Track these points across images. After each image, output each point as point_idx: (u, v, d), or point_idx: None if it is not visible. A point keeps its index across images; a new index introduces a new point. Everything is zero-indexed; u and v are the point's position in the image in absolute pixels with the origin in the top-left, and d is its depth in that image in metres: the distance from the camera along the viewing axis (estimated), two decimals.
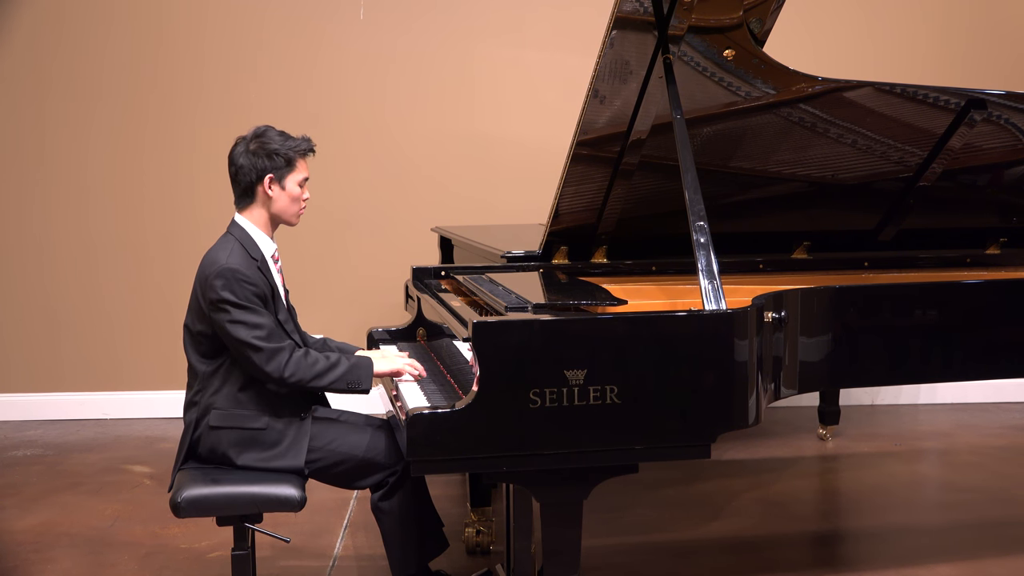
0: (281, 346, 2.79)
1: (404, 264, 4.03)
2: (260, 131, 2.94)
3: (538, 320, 2.54)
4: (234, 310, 2.76)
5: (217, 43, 5.45)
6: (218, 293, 2.76)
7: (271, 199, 2.91)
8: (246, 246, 2.88)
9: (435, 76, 5.53)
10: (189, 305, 2.93)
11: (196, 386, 2.91)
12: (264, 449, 2.85)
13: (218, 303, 2.76)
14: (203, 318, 2.85)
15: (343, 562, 3.59)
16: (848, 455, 4.86)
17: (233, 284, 2.76)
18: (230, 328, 2.76)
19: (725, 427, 2.63)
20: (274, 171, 2.89)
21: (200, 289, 2.84)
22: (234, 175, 2.93)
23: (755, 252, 3.75)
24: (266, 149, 2.89)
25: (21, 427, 5.43)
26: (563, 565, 2.64)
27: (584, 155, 3.33)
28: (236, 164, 2.91)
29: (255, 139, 2.92)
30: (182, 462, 2.90)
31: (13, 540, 3.81)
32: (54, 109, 5.45)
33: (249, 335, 2.76)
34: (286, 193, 2.92)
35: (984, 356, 3.23)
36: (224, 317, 2.77)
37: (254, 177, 2.90)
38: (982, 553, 3.61)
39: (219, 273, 2.77)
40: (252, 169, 2.89)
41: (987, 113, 3.50)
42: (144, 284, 5.54)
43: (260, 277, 2.84)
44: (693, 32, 3.09)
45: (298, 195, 2.94)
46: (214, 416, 2.85)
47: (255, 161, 2.89)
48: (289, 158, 2.90)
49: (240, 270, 2.79)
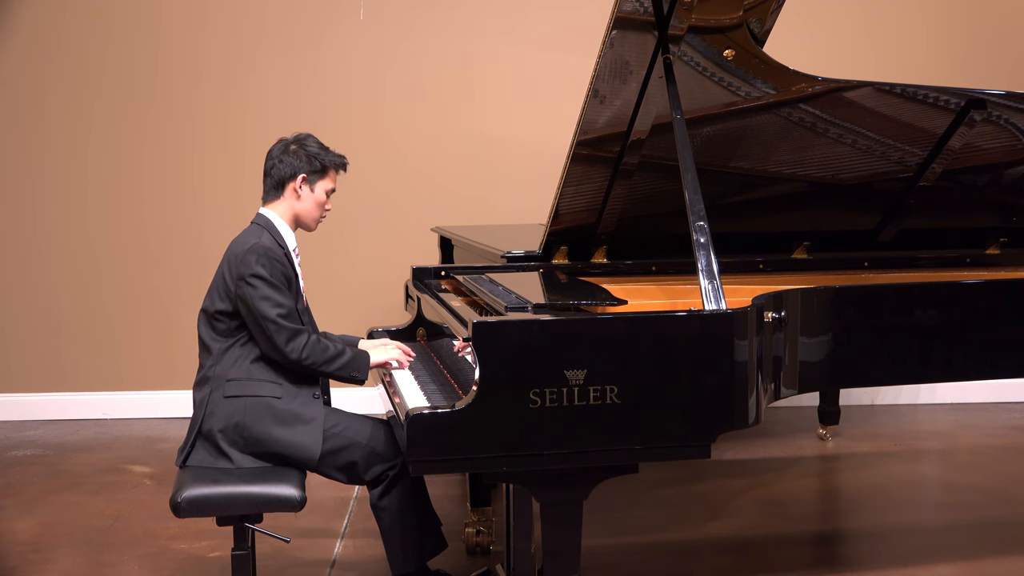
0: (301, 328, 2.92)
1: (404, 264, 4.03)
2: (303, 136, 3.09)
3: (538, 320, 2.54)
4: (264, 286, 2.88)
5: (217, 43, 5.45)
6: (252, 267, 2.88)
7: (299, 198, 3.05)
8: (273, 235, 3.00)
9: (435, 76, 5.53)
10: (210, 289, 3.02)
11: (209, 362, 2.97)
12: (281, 424, 2.88)
13: (251, 276, 2.88)
14: (226, 296, 2.94)
15: (343, 562, 3.59)
16: (848, 455, 4.86)
17: (267, 261, 2.89)
18: (257, 303, 2.87)
19: (725, 427, 2.63)
20: (308, 172, 3.04)
21: (229, 266, 2.94)
22: (269, 169, 3.06)
23: (755, 252, 3.75)
24: (306, 151, 3.04)
25: (21, 427, 5.43)
26: (563, 565, 2.64)
27: (584, 155, 3.33)
28: (274, 158, 3.05)
29: (296, 141, 3.07)
30: (193, 438, 2.92)
31: (13, 540, 3.81)
32: (54, 109, 5.45)
33: (274, 312, 2.87)
34: (313, 196, 3.06)
35: (984, 356, 3.23)
36: (253, 292, 2.87)
37: (288, 173, 3.03)
38: (982, 553, 3.61)
39: (253, 248, 2.90)
40: (288, 165, 3.03)
41: (987, 113, 3.50)
42: (144, 284, 5.54)
43: (287, 262, 2.97)
44: (693, 32, 3.09)
45: (323, 202, 3.08)
46: (229, 387, 2.91)
47: (293, 159, 3.03)
48: (324, 166, 3.05)
49: (275, 250, 2.94)
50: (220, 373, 2.93)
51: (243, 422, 2.87)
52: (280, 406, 2.90)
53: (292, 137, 3.09)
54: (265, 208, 3.07)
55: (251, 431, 2.87)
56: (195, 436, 2.92)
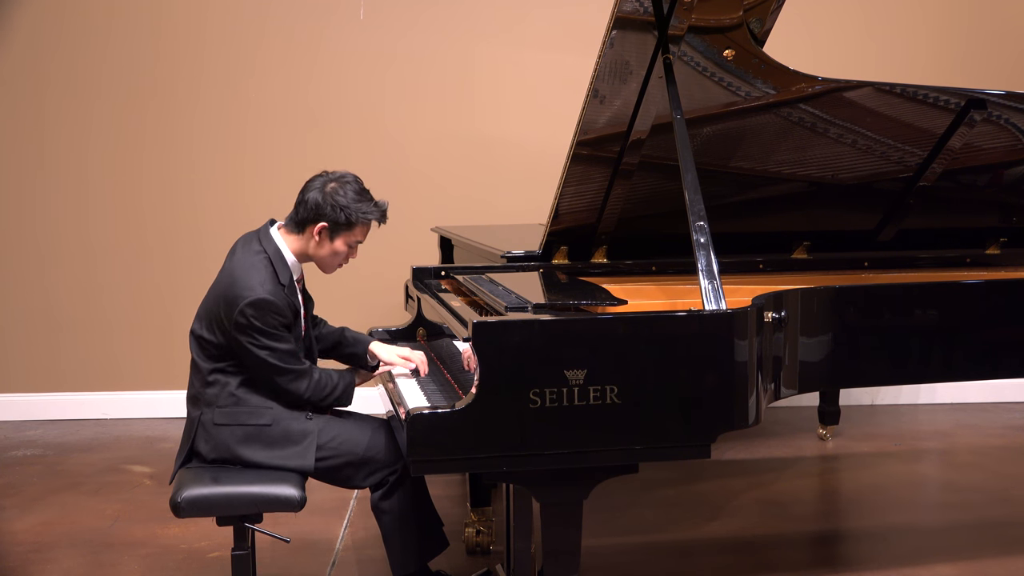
0: (304, 369, 2.86)
1: (404, 264, 4.03)
2: (346, 179, 2.89)
3: (538, 320, 2.54)
4: (262, 338, 2.79)
5: (217, 43, 5.45)
6: (248, 320, 2.76)
7: (315, 243, 2.89)
8: (276, 268, 2.86)
9: (435, 76, 5.53)
10: (200, 313, 2.91)
11: (199, 382, 2.91)
12: (271, 447, 2.86)
13: (246, 329, 2.77)
14: (218, 329, 2.84)
15: (343, 562, 3.59)
16: (848, 455, 4.86)
17: (266, 315, 2.77)
18: (255, 351, 2.80)
19: (725, 427, 2.63)
20: (331, 223, 2.85)
21: (224, 307, 2.81)
22: (298, 202, 2.90)
23: (755, 252, 3.75)
24: (335, 199, 2.84)
25: (21, 427, 5.43)
26: (563, 565, 2.64)
27: (584, 155, 3.33)
28: (305, 194, 2.88)
29: (335, 181, 2.88)
30: (185, 457, 2.91)
31: (13, 540, 3.81)
32: (54, 109, 5.45)
33: (273, 359, 2.81)
34: (331, 247, 2.90)
35: (984, 356, 3.23)
36: (250, 342, 2.79)
37: (310, 217, 2.86)
38: (982, 553, 3.61)
39: (252, 303, 2.76)
40: (314, 208, 2.85)
41: (987, 113, 3.50)
42: (144, 284, 5.53)
43: (287, 303, 2.84)
44: (693, 32, 3.09)
45: (343, 253, 2.92)
46: (218, 414, 2.86)
47: (321, 204, 2.84)
48: (351, 220, 2.86)
49: (274, 302, 2.79)
50: (210, 398, 2.88)
51: (234, 450, 2.85)
52: (271, 432, 2.86)
53: (336, 174, 2.90)
54: (281, 232, 2.92)
55: (242, 458, 2.85)
56: (187, 455, 2.91)
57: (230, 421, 2.85)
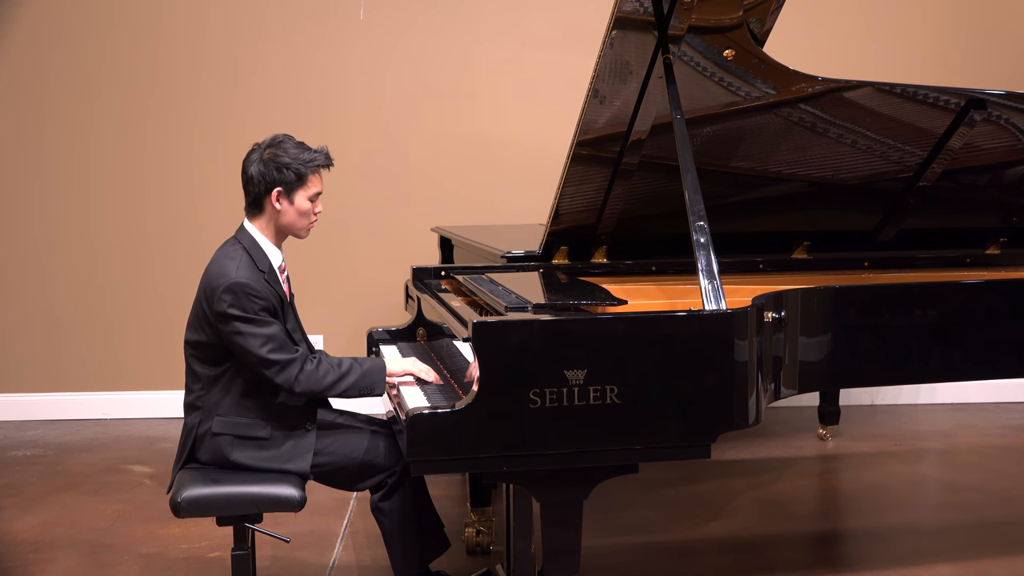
0: (292, 357, 2.76)
1: (404, 264, 4.03)
2: (277, 140, 2.85)
3: (538, 320, 2.54)
4: (243, 325, 2.73)
5: (217, 43, 5.45)
6: (225, 308, 2.72)
7: (279, 212, 2.85)
8: (253, 256, 2.82)
9: (435, 76, 5.53)
10: (190, 319, 2.88)
11: (197, 390, 2.87)
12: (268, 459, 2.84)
13: (227, 317, 2.73)
14: (206, 328, 2.81)
15: (343, 562, 3.59)
16: (848, 455, 4.86)
17: (242, 299, 2.72)
18: (239, 340, 2.74)
19: (725, 427, 2.63)
20: (283, 184, 2.81)
21: (206, 299, 2.79)
22: (245, 183, 2.86)
23: (755, 252, 3.75)
24: (277, 161, 2.80)
25: (21, 427, 5.43)
26: (563, 565, 2.64)
27: (584, 155, 3.33)
28: (247, 173, 2.84)
29: (269, 147, 2.84)
30: (182, 465, 2.89)
31: (13, 540, 3.81)
32: (54, 108, 5.45)
33: (259, 348, 2.73)
34: (294, 208, 2.84)
35: (984, 356, 3.23)
36: (232, 330, 2.74)
37: (263, 189, 2.82)
38: (982, 553, 3.61)
39: (227, 288, 2.72)
40: (261, 180, 2.81)
41: (987, 113, 3.50)
42: (144, 284, 5.54)
43: (268, 289, 2.80)
44: (693, 32, 3.09)
45: (308, 209, 2.86)
46: (217, 423, 2.83)
47: (265, 172, 2.81)
48: (300, 173, 2.81)
49: (249, 284, 2.74)
50: (209, 405, 2.84)
51: (231, 458, 2.83)
52: (269, 446, 2.84)
53: (266, 141, 2.85)
54: (248, 223, 2.88)
55: (239, 464, 2.84)
56: (184, 462, 2.89)
57: (228, 431, 2.83)
